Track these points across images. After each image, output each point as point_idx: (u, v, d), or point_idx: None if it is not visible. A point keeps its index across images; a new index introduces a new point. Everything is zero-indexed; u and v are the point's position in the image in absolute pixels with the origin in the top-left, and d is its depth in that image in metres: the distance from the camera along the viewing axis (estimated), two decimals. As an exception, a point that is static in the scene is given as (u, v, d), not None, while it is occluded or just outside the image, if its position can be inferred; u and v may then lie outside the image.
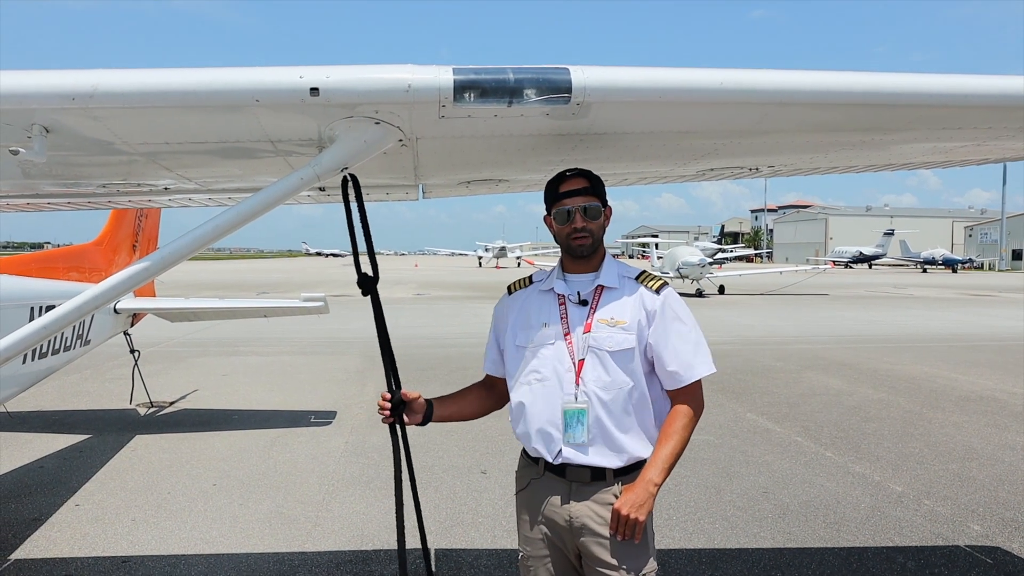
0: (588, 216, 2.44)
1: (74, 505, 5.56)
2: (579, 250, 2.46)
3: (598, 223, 2.47)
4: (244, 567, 4.53)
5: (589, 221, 2.44)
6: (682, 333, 2.44)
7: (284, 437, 7.58)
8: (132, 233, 8.56)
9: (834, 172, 3.58)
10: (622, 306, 2.44)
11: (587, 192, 2.45)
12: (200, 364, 12.33)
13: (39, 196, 3.35)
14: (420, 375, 10.84)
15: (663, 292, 2.47)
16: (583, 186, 2.46)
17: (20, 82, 1.87)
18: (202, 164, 2.67)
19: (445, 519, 5.27)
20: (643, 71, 2.02)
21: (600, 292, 2.47)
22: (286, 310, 9.07)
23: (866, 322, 20.43)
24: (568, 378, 2.40)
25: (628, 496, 2.33)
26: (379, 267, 2.49)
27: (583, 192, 2.45)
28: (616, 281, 2.48)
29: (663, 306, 2.44)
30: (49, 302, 5.57)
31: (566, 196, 2.46)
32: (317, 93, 1.87)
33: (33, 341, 2.31)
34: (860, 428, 8.03)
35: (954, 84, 2.12)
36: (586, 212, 2.44)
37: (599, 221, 2.47)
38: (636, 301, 2.44)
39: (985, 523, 5.22)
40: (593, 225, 2.45)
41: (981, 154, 3.08)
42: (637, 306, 2.43)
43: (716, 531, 5.07)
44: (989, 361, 12.97)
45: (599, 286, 2.47)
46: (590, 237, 2.45)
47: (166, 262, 2.26)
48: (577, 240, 2.45)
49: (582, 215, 2.44)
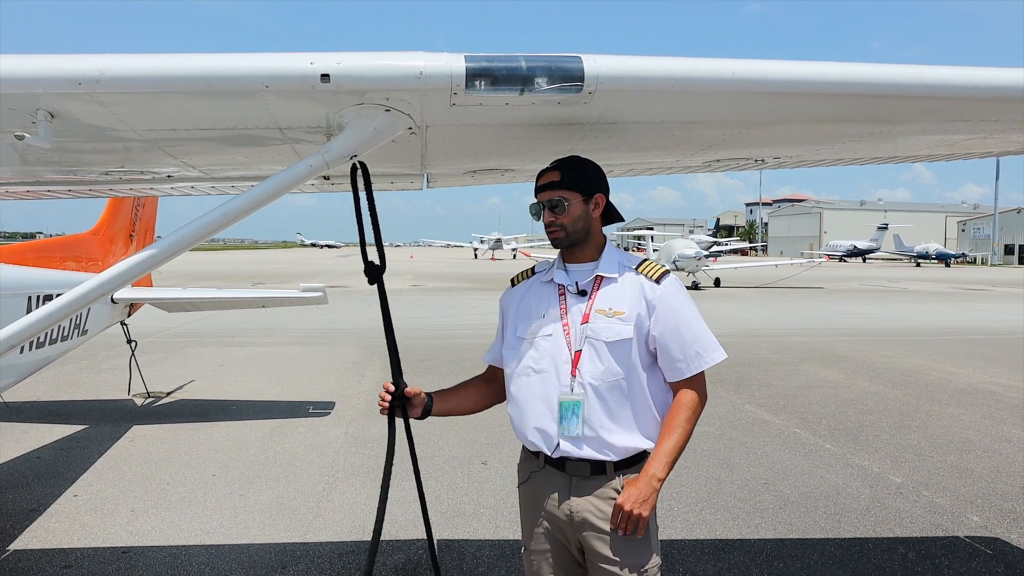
0: (555, 211, 2.42)
1: (72, 495, 5.54)
2: (554, 242, 2.46)
3: (569, 217, 2.42)
4: (245, 557, 4.52)
5: (557, 216, 2.42)
6: (686, 322, 2.39)
7: (283, 428, 7.56)
8: (129, 222, 8.52)
9: (839, 164, 3.57)
10: (621, 296, 2.40)
11: (556, 186, 2.41)
12: (197, 354, 12.29)
13: (40, 184, 3.32)
14: (419, 366, 10.83)
15: (664, 281, 2.41)
16: (554, 180, 2.43)
17: (25, 66, 1.84)
18: (208, 151, 2.64)
19: (447, 510, 5.26)
20: (655, 60, 2.01)
21: (599, 282, 2.44)
22: (285, 300, 9.05)
23: (861, 315, 20.49)
24: (565, 369, 2.37)
25: (631, 491, 2.29)
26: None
27: (552, 186, 2.42)
28: (616, 270, 2.45)
29: (664, 295, 2.39)
30: (46, 291, 5.54)
31: (539, 190, 2.46)
32: (328, 79, 1.85)
33: (36, 331, 2.29)
34: (858, 420, 8.05)
35: (963, 76, 2.11)
36: (552, 207, 2.42)
37: (572, 215, 2.42)
38: (636, 291, 2.40)
39: (984, 514, 5.24)
40: (564, 219, 2.41)
41: (986, 146, 3.08)
42: (637, 296, 2.39)
43: (718, 522, 5.09)
44: (983, 354, 13.02)
45: (598, 276, 2.44)
46: (561, 231, 2.43)
47: (172, 250, 2.24)
48: (551, 233, 2.45)
49: (549, 210, 2.43)
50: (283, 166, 2.37)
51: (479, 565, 4.42)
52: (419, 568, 4.37)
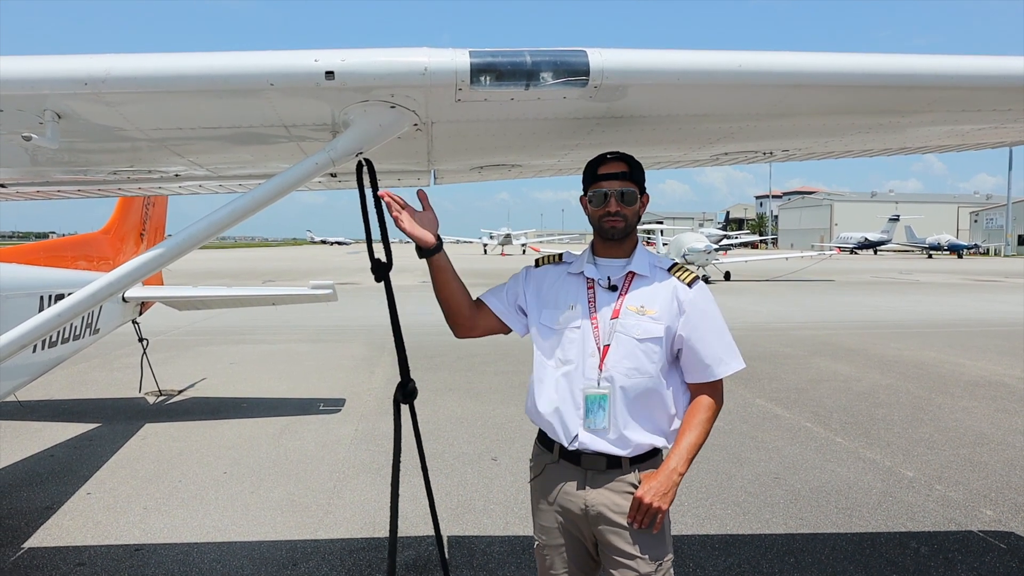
0: (624, 201, 2.43)
1: (86, 493, 5.58)
2: (610, 232, 2.45)
3: (632, 209, 2.45)
4: (256, 554, 4.54)
5: (624, 206, 2.43)
6: (715, 328, 2.44)
7: (294, 425, 7.59)
8: (140, 221, 8.56)
9: (848, 156, 3.54)
10: (653, 295, 2.43)
11: (625, 177, 2.44)
12: (207, 352, 12.35)
13: (49, 184, 3.34)
14: (428, 362, 10.83)
15: (695, 286, 2.46)
16: (622, 170, 2.45)
17: (32, 67, 1.84)
18: (214, 150, 2.64)
19: (456, 506, 5.27)
20: (661, 53, 1.99)
21: (631, 279, 2.46)
22: (295, 298, 9.08)
23: (872, 308, 20.38)
24: (592, 363, 2.39)
25: (651, 484, 2.32)
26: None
27: (621, 176, 2.44)
28: (648, 270, 2.47)
29: (696, 300, 2.43)
30: (58, 291, 5.57)
31: (604, 179, 2.45)
32: (333, 77, 1.85)
33: (47, 330, 2.30)
34: (870, 413, 8.01)
35: (974, 65, 2.09)
36: (622, 197, 2.43)
37: (634, 207, 2.46)
38: (669, 292, 2.43)
39: (997, 508, 5.21)
40: (627, 211, 2.44)
41: (998, 136, 3.04)
42: (669, 297, 2.42)
43: (728, 516, 5.07)
44: (996, 347, 12.93)
45: (630, 272, 2.46)
46: (623, 221, 2.44)
47: (181, 248, 2.24)
48: (610, 222, 2.44)
49: (617, 200, 2.42)
50: (289, 164, 2.37)
51: (489, 561, 4.43)
52: (429, 564, 4.38)
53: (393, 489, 2.45)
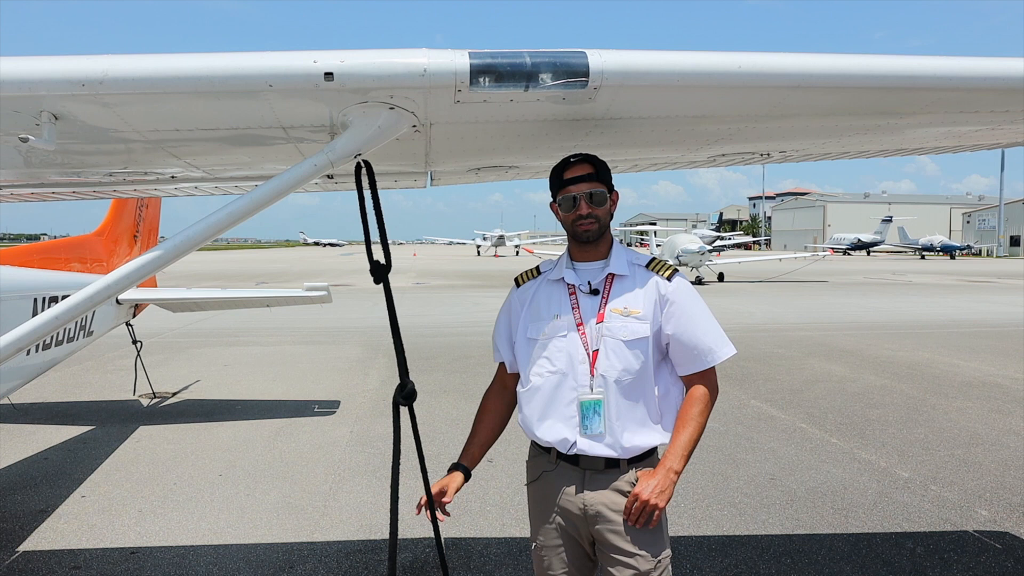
0: (594, 203, 2.41)
1: (80, 496, 5.55)
2: (585, 235, 2.43)
3: (604, 209, 2.44)
4: (252, 557, 4.52)
5: (595, 207, 2.42)
6: (700, 317, 2.43)
7: (289, 427, 7.57)
8: (133, 223, 8.52)
9: (845, 158, 3.55)
10: (635, 295, 2.42)
11: (592, 178, 2.42)
12: (201, 354, 12.30)
13: (44, 186, 3.32)
14: (424, 364, 10.81)
15: (675, 279, 2.45)
16: (588, 172, 2.43)
17: (29, 68, 1.83)
18: (212, 152, 2.63)
19: (453, 508, 5.18)
20: (661, 55, 1.99)
21: (611, 281, 2.45)
22: (289, 300, 9.06)
23: (866, 309, 20.44)
24: (583, 369, 2.38)
25: (649, 482, 2.32)
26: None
27: (588, 178, 2.42)
28: (627, 269, 2.46)
29: (678, 291, 2.43)
30: (52, 293, 5.54)
31: (571, 183, 2.43)
32: (331, 78, 1.84)
33: (42, 333, 2.28)
34: (864, 414, 8.03)
35: (972, 66, 2.10)
36: (592, 198, 2.41)
37: (605, 207, 2.44)
38: (650, 289, 2.42)
39: (992, 508, 5.22)
40: (599, 211, 2.43)
41: (995, 138, 3.05)
42: (651, 295, 2.41)
43: (725, 518, 5.07)
44: (990, 347, 12.98)
45: (610, 274, 2.45)
46: (596, 223, 2.42)
47: (179, 251, 2.23)
48: (583, 226, 2.42)
49: (587, 202, 2.41)
50: (287, 166, 2.36)
51: (486, 563, 4.42)
52: (427, 566, 4.37)
53: (393, 491, 2.45)
